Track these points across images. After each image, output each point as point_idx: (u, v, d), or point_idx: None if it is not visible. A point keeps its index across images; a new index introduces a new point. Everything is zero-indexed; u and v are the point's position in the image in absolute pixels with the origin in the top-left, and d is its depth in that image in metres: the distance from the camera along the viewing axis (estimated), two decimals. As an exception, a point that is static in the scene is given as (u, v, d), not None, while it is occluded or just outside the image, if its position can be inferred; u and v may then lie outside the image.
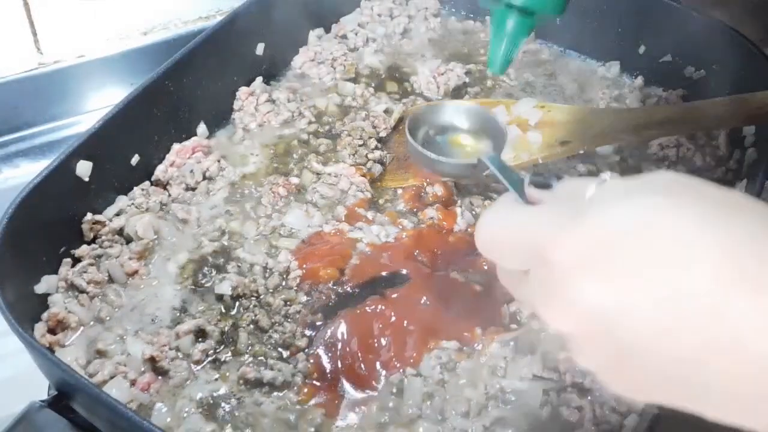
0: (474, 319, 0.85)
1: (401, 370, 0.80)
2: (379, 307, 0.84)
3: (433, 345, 0.82)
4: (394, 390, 0.79)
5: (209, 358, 0.81)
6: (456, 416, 0.77)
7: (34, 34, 1.20)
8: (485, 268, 0.89)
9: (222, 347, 0.82)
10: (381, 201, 1.00)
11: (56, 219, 0.86)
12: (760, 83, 0.96)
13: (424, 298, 0.85)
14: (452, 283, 0.88)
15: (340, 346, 0.82)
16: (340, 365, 0.81)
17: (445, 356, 0.81)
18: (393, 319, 0.83)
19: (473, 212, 0.97)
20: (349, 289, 0.87)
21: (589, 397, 0.78)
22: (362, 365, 0.81)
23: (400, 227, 0.95)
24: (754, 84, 0.96)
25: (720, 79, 1.08)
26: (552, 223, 0.49)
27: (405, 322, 0.83)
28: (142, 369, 0.79)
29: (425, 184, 0.99)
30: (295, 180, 0.99)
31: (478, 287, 0.87)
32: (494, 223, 0.56)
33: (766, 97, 0.92)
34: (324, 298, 0.86)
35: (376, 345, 0.82)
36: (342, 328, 0.82)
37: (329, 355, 0.81)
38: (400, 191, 1.00)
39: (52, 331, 0.81)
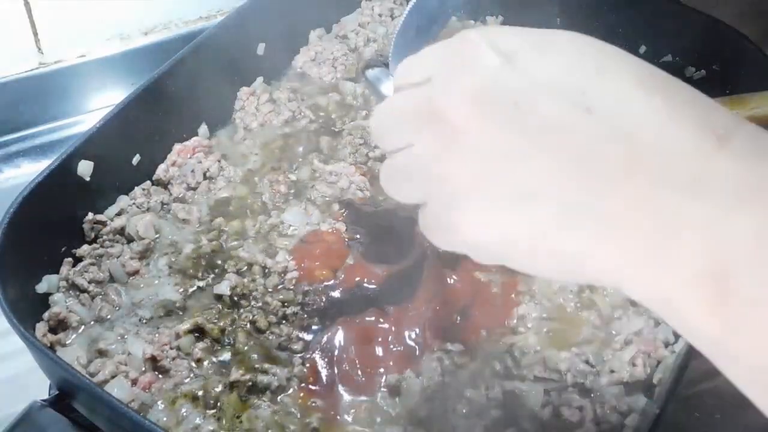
0: (481, 321, 0.85)
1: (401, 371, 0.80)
2: (379, 320, 0.83)
3: (436, 347, 0.82)
4: (394, 391, 0.79)
5: (209, 357, 0.81)
6: (456, 416, 0.77)
7: (35, 34, 1.20)
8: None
9: (222, 346, 0.82)
10: (381, 199, 1.00)
11: (57, 219, 0.86)
12: (760, 83, 0.96)
13: (425, 307, 0.85)
14: (466, 284, 0.87)
15: (336, 352, 0.81)
16: (336, 371, 0.80)
17: (447, 358, 0.81)
18: (393, 330, 0.83)
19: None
20: (347, 289, 0.86)
21: (590, 396, 0.78)
22: (359, 371, 0.80)
23: (401, 227, 0.95)
24: (754, 84, 0.96)
25: (720, 79, 1.08)
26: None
27: (407, 333, 0.83)
28: (143, 368, 0.79)
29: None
30: (294, 178, 0.99)
31: (495, 289, 0.87)
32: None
33: (766, 97, 0.92)
34: (320, 299, 0.86)
35: (374, 354, 0.82)
36: (339, 336, 0.82)
37: (325, 360, 0.81)
38: (401, 191, 1.00)
39: (53, 330, 0.81)
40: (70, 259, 0.86)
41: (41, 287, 0.83)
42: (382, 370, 0.80)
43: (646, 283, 0.39)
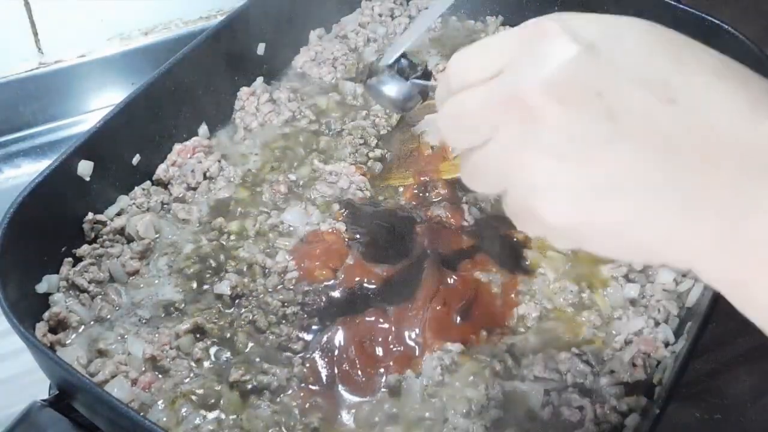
0: (481, 321, 0.85)
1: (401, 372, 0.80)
2: (379, 320, 0.84)
3: (437, 347, 0.82)
4: (394, 391, 0.79)
5: (209, 358, 0.81)
6: (456, 416, 0.77)
7: (35, 33, 1.20)
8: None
9: (221, 346, 0.82)
10: (381, 199, 1.00)
11: (57, 219, 0.86)
12: (761, 83, 0.96)
13: (426, 307, 0.85)
14: (466, 284, 0.87)
15: (336, 352, 0.81)
16: (336, 371, 0.80)
17: (448, 358, 0.81)
18: (393, 330, 0.83)
19: (478, 206, 0.97)
20: (346, 289, 0.86)
21: (590, 396, 0.78)
22: (359, 372, 0.80)
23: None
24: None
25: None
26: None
27: (407, 333, 0.83)
28: (143, 368, 0.79)
29: (427, 181, 0.99)
30: (294, 178, 0.99)
31: (495, 289, 0.87)
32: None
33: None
34: (320, 299, 0.86)
35: (374, 354, 0.82)
36: (339, 336, 0.82)
37: (325, 360, 0.81)
38: (401, 189, 1.00)
39: (53, 330, 0.81)
40: (70, 259, 0.86)
41: (41, 287, 0.83)
42: (382, 370, 0.81)
43: (719, 265, 0.41)
